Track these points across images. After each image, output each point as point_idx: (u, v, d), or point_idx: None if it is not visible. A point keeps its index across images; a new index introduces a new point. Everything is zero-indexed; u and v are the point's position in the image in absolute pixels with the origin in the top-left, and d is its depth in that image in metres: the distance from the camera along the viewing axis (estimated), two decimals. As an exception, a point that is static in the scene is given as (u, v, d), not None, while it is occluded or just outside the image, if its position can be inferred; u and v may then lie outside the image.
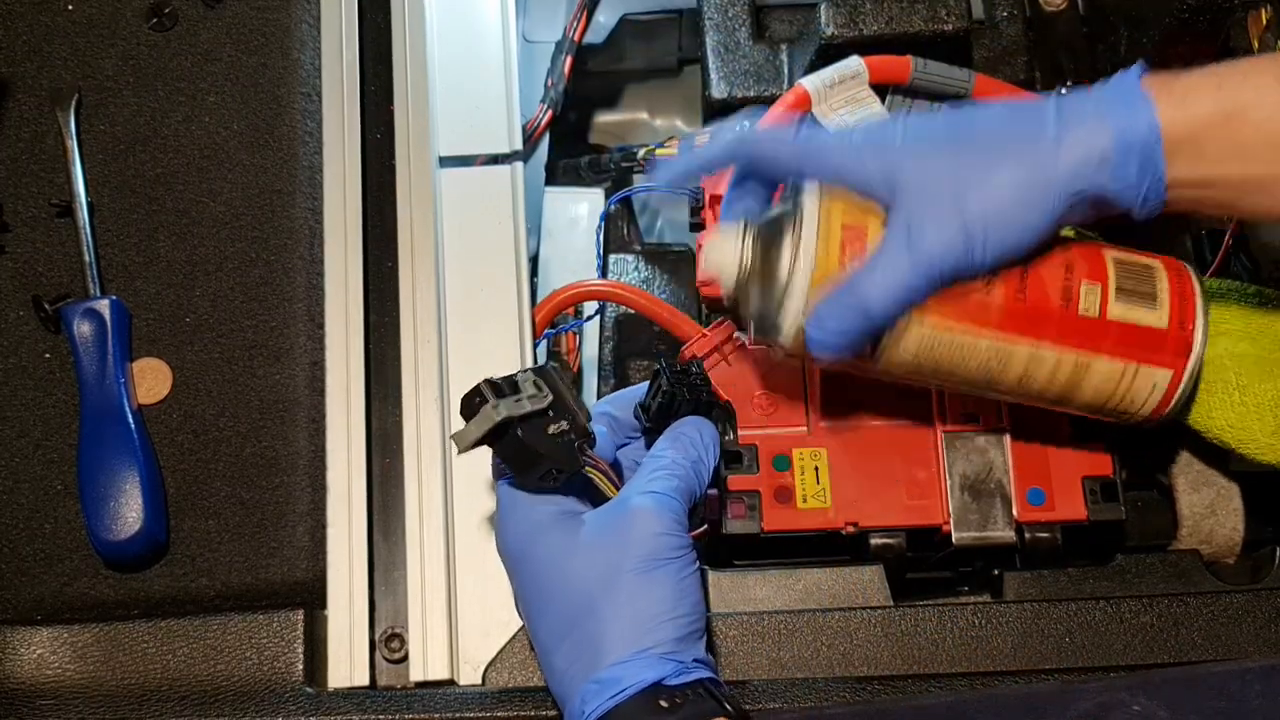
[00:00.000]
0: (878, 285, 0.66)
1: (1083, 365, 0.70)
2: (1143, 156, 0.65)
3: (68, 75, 0.89)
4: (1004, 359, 0.70)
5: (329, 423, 0.81)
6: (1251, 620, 0.75)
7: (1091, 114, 0.66)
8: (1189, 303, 0.72)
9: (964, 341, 0.70)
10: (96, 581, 0.78)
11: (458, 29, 0.93)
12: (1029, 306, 0.70)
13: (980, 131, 0.67)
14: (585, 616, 0.66)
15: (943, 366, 0.71)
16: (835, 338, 0.68)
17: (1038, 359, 0.70)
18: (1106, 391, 0.71)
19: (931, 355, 0.70)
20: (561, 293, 0.87)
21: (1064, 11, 0.96)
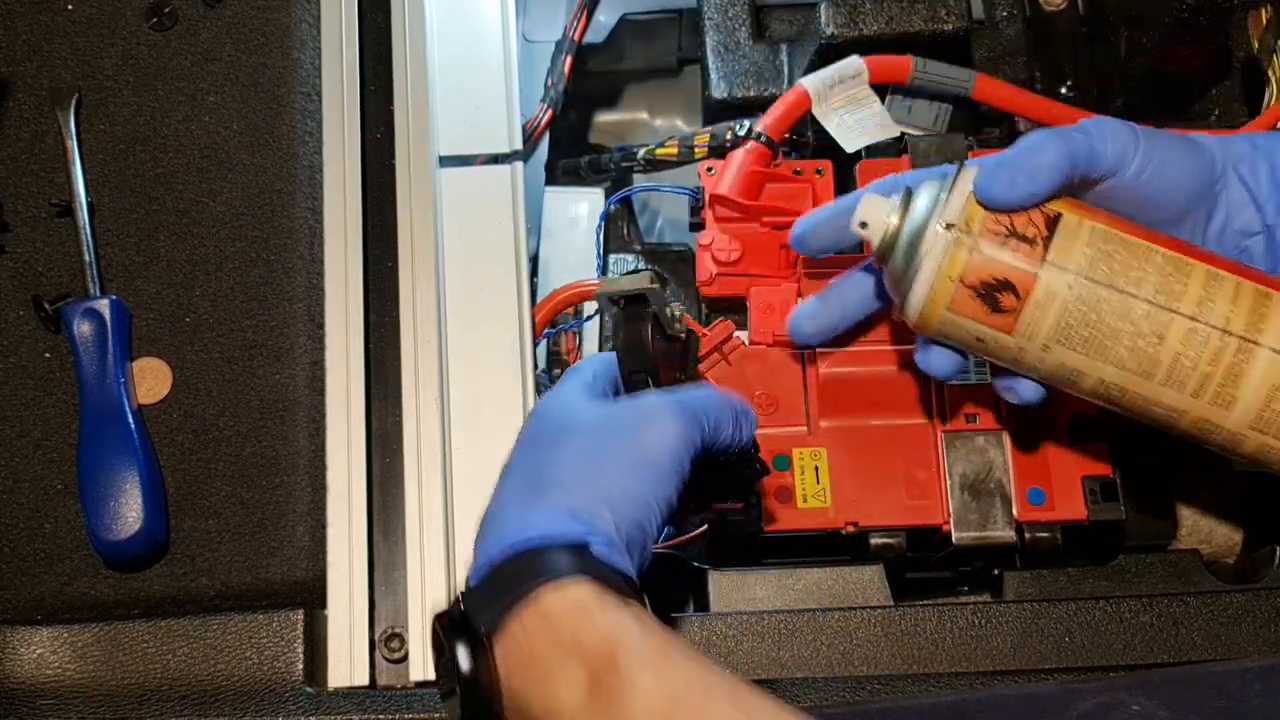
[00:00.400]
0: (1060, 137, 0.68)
1: (1264, 295, 0.66)
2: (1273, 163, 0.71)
3: (68, 75, 0.89)
4: (1181, 271, 0.66)
5: (329, 423, 0.81)
6: (1251, 620, 0.75)
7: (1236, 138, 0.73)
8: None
9: (1139, 245, 0.66)
10: (96, 581, 0.78)
11: (458, 29, 0.93)
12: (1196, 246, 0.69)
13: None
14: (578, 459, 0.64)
15: (1118, 272, 0.65)
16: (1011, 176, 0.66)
17: (1216, 277, 0.66)
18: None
19: (1107, 255, 0.66)
20: (561, 292, 0.87)
21: (1064, 11, 0.96)
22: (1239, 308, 0.65)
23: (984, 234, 0.67)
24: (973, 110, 0.91)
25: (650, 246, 1.02)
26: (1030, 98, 0.90)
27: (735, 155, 0.85)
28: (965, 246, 0.67)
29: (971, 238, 0.67)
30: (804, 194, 0.85)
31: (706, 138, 0.92)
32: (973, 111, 0.91)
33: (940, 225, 0.67)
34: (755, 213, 0.85)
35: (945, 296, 0.68)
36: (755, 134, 0.86)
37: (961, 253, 0.67)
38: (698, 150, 0.92)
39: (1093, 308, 0.66)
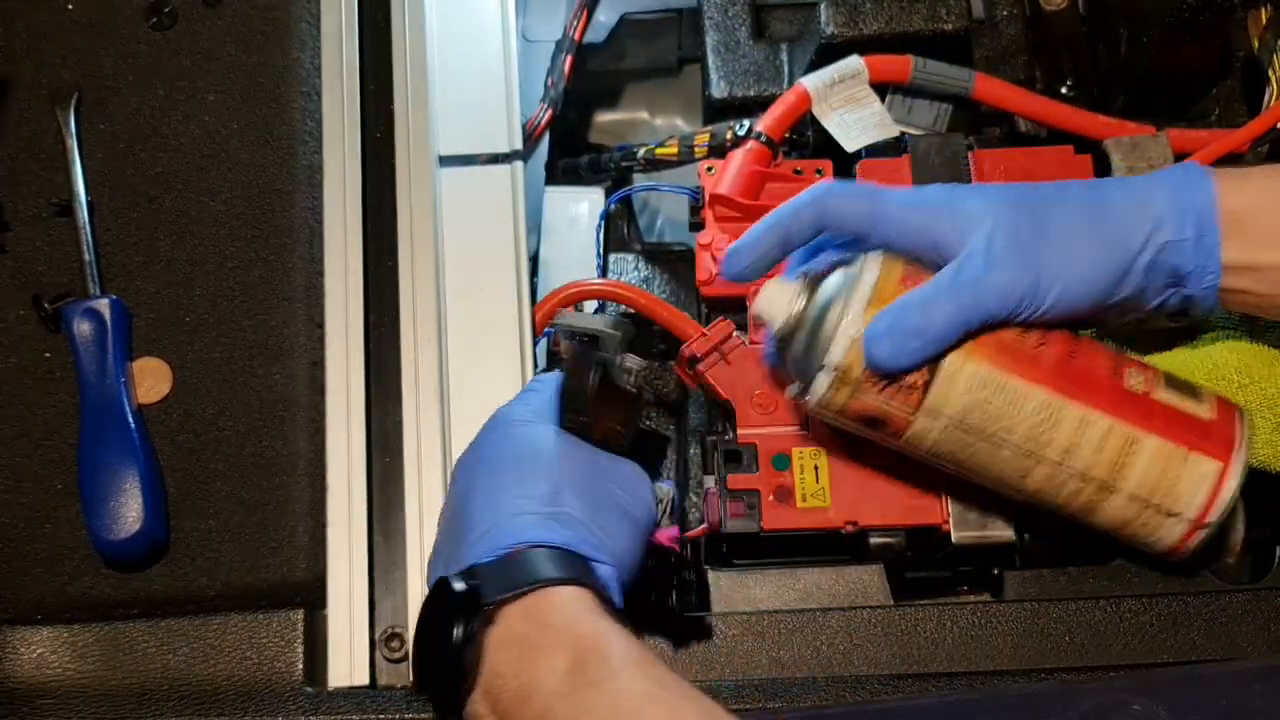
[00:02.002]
0: (941, 298, 0.67)
1: (1131, 439, 0.69)
2: (1198, 221, 0.68)
3: (68, 74, 0.89)
4: (1053, 418, 0.69)
5: (329, 422, 0.81)
6: (1251, 620, 0.75)
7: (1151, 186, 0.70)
8: (1231, 410, 0.71)
9: (1016, 389, 0.68)
10: (97, 581, 0.78)
11: (458, 29, 0.93)
12: (1080, 369, 0.69)
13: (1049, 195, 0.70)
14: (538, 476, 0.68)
15: (990, 419, 0.69)
16: (892, 346, 0.67)
17: (1087, 423, 0.69)
18: (1153, 476, 0.69)
19: (981, 401, 0.69)
20: (561, 292, 0.87)
21: (1064, 11, 0.96)
22: (1104, 456, 0.69)
23: (864, 381, 0.69)
24: (973, 110, 0.91)
25: (650, 246, 1.02)
26: (1030, 98, 0.90)
27: (735, 155, 0.85)
28: (846, 389, 0.70)
29: (853, 383, 0.69)
30: (804, 194, 0.85)
31: (706, 137, 0.92)
32: (973, 111, 0.91)
33: (824, 369, 0.70)
34: (755, 212, 0.84)
35: (829, 415, 0.72)
36: (755, 134, 0.86)
37: (843, 393, 0.70)
38: (698, 150, 0.92)
39: (963, 446, 0.70)
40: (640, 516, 0.70)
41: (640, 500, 0.71)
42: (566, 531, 0.66)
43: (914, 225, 0.69)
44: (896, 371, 0.68)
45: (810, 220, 0.71)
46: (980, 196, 0.70)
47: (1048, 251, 0.67)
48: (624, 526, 0.69)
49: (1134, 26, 0.89)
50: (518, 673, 0.61)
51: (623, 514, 0.69)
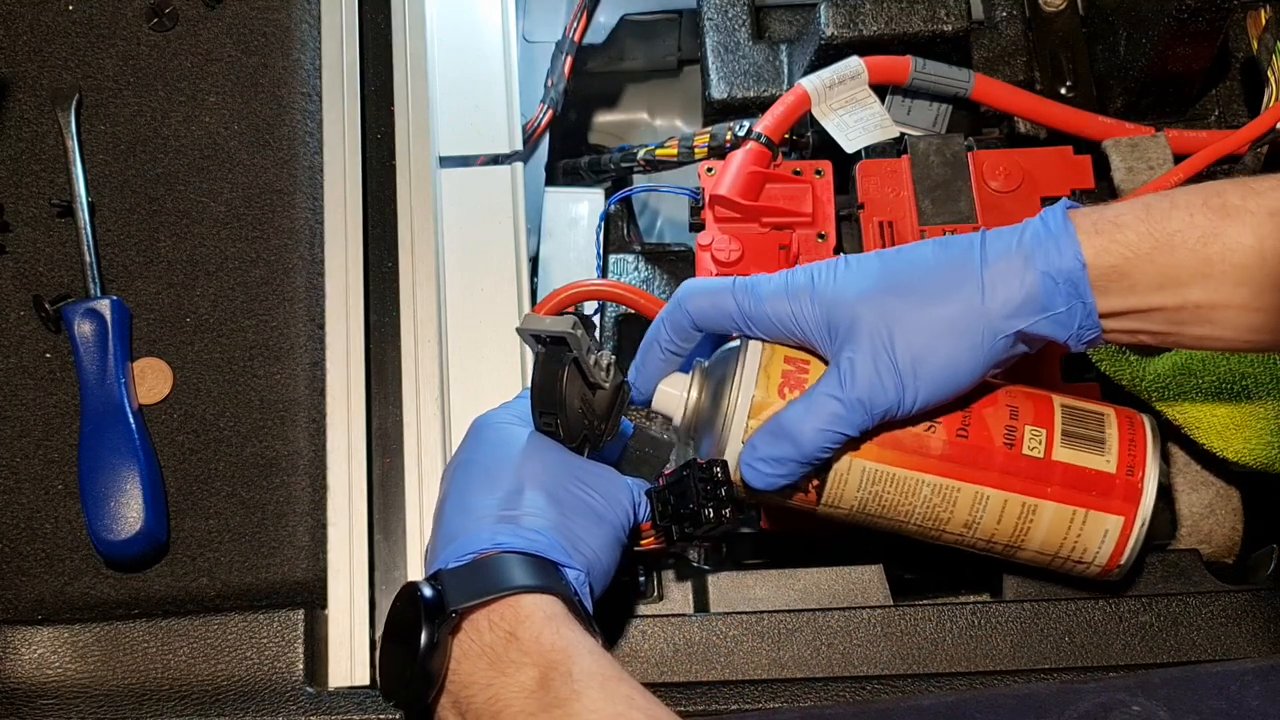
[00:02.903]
0: (810, 420, 0.67)
1: (1030, 508, 0.70)
2: (1069, 291, 0.65)
3: (68, 75, 0.89)
4: (949, 500, 0.70)
5: (329, 422, 0.81)
6: (1251, 620, 0.75)
7: (1015, 251, 0.66)
8: (1139, 450, 0.70)
9: (906, 480, 0.70)
10: (97, 581, 0.78)
11: (458, 29, 0.93)
12: (970, 447, 0.70)
13: (910, 274, 0.68)
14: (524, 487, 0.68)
15: (888, 507, 0.71)
16: (767, 468, 0.69)
17: (983, 500, 0.70)
18: (1057, 538, 0.70)
19: (876, 495, 0.70)
20: (561, 292, 0.87)
21: (1064, 11, 0.96)
22: (1003, 525, 0.71)
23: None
24: (973, 110, 0.91)
25: (650, 246, 1.02)
26: (1030, 98, 0.90)
27: (735, 156, 0.85)
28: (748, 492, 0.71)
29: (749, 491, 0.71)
30: (804, 194, 0.85)
31: (706, 138, 0.92)
32: (973, 111, 0.91)
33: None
34: (755, 213, 0.85)
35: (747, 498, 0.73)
36: (755, 134, 0.86)
37: (747, 493, 0.71)
38: (698, 150, 0.92)
39: (871, 523, 0.72)
40: (614, 520, 0.69)
41: (614, 503, 0.70)
42: (535, 536, 0.65)
43: (781, 324, 0.70)
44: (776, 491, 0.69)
45: (683, 325, 0.72)
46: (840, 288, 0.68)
47: (909, 355, 0.66)
48: (596, 530, 0.68)
49: (1133, 27, 0.89)
50: (487, 684, 0.61)
51: (595, 517, 0.69)
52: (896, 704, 0.71)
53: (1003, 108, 0.90)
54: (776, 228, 0.85)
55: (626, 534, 0.70)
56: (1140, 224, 0.65)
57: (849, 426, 0.67)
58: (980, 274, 0.66)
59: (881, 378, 0.66)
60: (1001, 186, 0.84)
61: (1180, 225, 0.64)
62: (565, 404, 0.69)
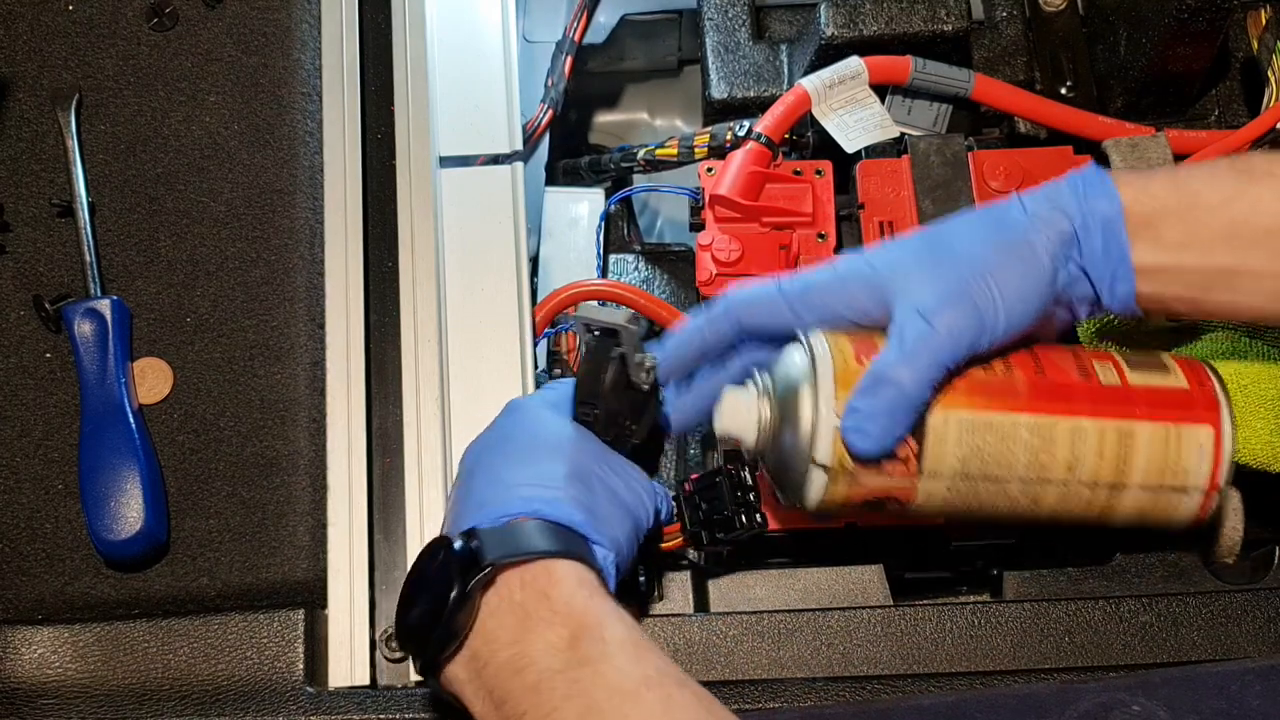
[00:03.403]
0: (905, 361, 0.66)
1: (1126, 433, 0.69)
2: (1106, 231, 0.67)
3: (68, 75, 0.89)
4: (1047, 438, 0.69)
5: (329, 422, 0.81)
6: (1251, 620, 0.75)
7: (1054, 200, 0.68)
8: (1198, 368, 0.71)
9: (1004, 426, 0.68)
10: (97, 581, 0.78)
11: (458, 29, 0.93)
12: (1051, 382, 0.69)
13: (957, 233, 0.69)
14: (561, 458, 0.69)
15: (990, 462, 0.69)
16: (876, 426, 0.66)
17: (1080, 432, 0.69)
18: (1158, 460, 0.69)
19: (976, 450, 0.68)
20: (561, 292, 0.87)
21: (1064, 11, 0.96)
22: (1106, 459, 0.69)
23: (858, 468, 0.68)
24: (973, 111, 0.91)
25: (650, 246, 1.02)
26: (1030, 98, 0.90)
27: (735, 156, 0.85)
28: (843, 481, 0.68)
29: (847, 474, 0.68)
30: (804, 194, 0.85)
31: (706, 138, 0.92)
32: (973, 112, 0.91)
33: (814, 464, 0.68)
34: (755, 213, 0.85)
35: (833, 508, 0.70)
36: (755, 134, 0.86)
37: (840, 486, 0.68)
38: (698, 150, 0.92)
39: (972, 497, 0.70)
40: (639, 514, 0.70)
41: (641, 502, 0.71)
42: (570, 510, 0.66)
43: (836, 307, 0.69)
44: (885, 454, 0.67)
45: (725, 329, 0.72)
46: (890, 256, 0.69)
47: (979, 285, 0.66)
48: (625, 522, 0.69)
49: (1133, 27, 0.89)
50: (513, 641, 0.61)
51: (625, 510, 0.69)
52: (896, 704, 0.71)
53: (1003, 108, 0.90)
54: (776, 228, 0.85)
55: (645, 533, 0.71)
56: (1168, 180, 0.67)
57: (940, 361, 0.66)
58: (1022, 218, 0.68)
59: (960, 308, 0.66)
60: (1002, 186, 0.84)
61: (1205, 185, 0.66)
62: (606, 397, 0.70)
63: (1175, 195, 0.66)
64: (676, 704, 0.58)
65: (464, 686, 0.63)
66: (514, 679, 0.60)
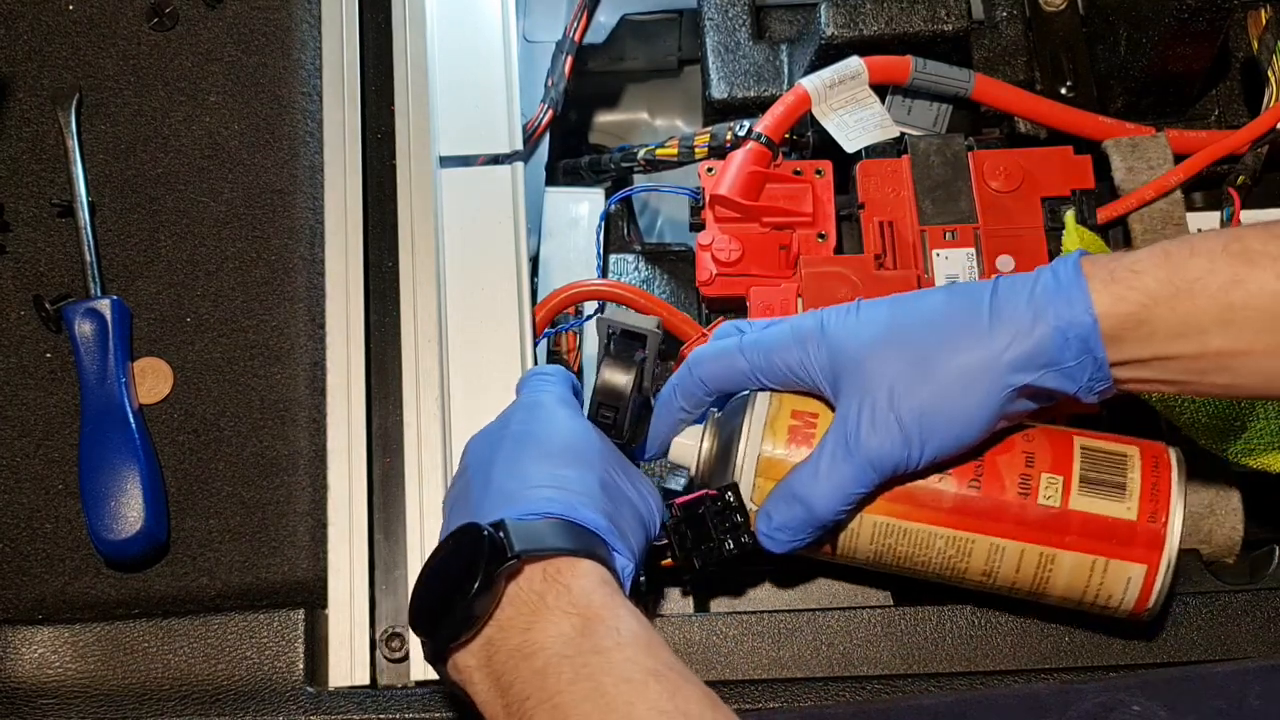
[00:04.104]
0: (820, 484, 0.68)
1: (1047, 558, 0.69)
2: (1079, 345, 0.64)
3: (68, 75, 0.89)
4: (963, 551, 0.70)
5: (329, 422, 0.81)
6: (1251, 620, 0.75)
7: (1025, 304, 0.66)
8: (1163, 494, 0.69)
9: (919, 533, 0.70)
10: (97, 581, 0.78)
11: (458, 29, 0.93)
12: (983, 499, 0.69)
13: (917, 325, 0.68)
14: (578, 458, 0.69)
15: (903, 559, 0.71)
16: (783, 534, 0.69)
17: (999, 550, 0.69)
18: (1079, 586, 0.69)
19: (890, 548, 0.70)
20: (561, 293, 0.87)
21: (1064, 11, 0.96)
22: (1022, 574, 0.70)
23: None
24: (973, 111, 0.91)
25: (650, 246, 1.02)
26: (1030, 98, 0.90)
27: (735, 156, 0.86)
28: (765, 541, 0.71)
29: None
30: (804, 194, 0.85)
31: (706, 138, 0.92)
32: (973, 112, 0.91)
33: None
34: (755, 213, 0.85)
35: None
36: (755, 134, 0.86)
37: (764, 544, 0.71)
38: (698, 150, 0.92)
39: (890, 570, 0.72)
40: (650, 525, 0.71)
41: (651, 510, 0.71)
42: (596, 516, 0.66)
43: (788, 374, 0.70)
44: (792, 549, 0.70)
45: (695, 390, 0.73)
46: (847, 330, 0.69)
47: (915, 409, 0.66)
48: (639, 531, 0.69)
49: (1133, 27, 0.89)
50: (525, 629, 0.61)
51: (640, 519, 0.70)
52: (896, 704, 0.71)
53: (1003, 108, 0.90)
54: (777, 228, 0.85)
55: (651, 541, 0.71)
56: (1159, 270, 0.64)
57: (859, 486, 0.68)
58: (988, 327, 0.66)
59: (888, 435, 0.66)
60: (1002, 186, 0.84)
61: (1201, 272, 0.63)
62: (628, 401, 0.71)
63: (1169, 286, 0.63)
64: (682, 697, 0.59)
65: (472, 673, 0.63)
66: (522, 664, 0.60)
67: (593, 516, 0.66)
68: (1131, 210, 0.85)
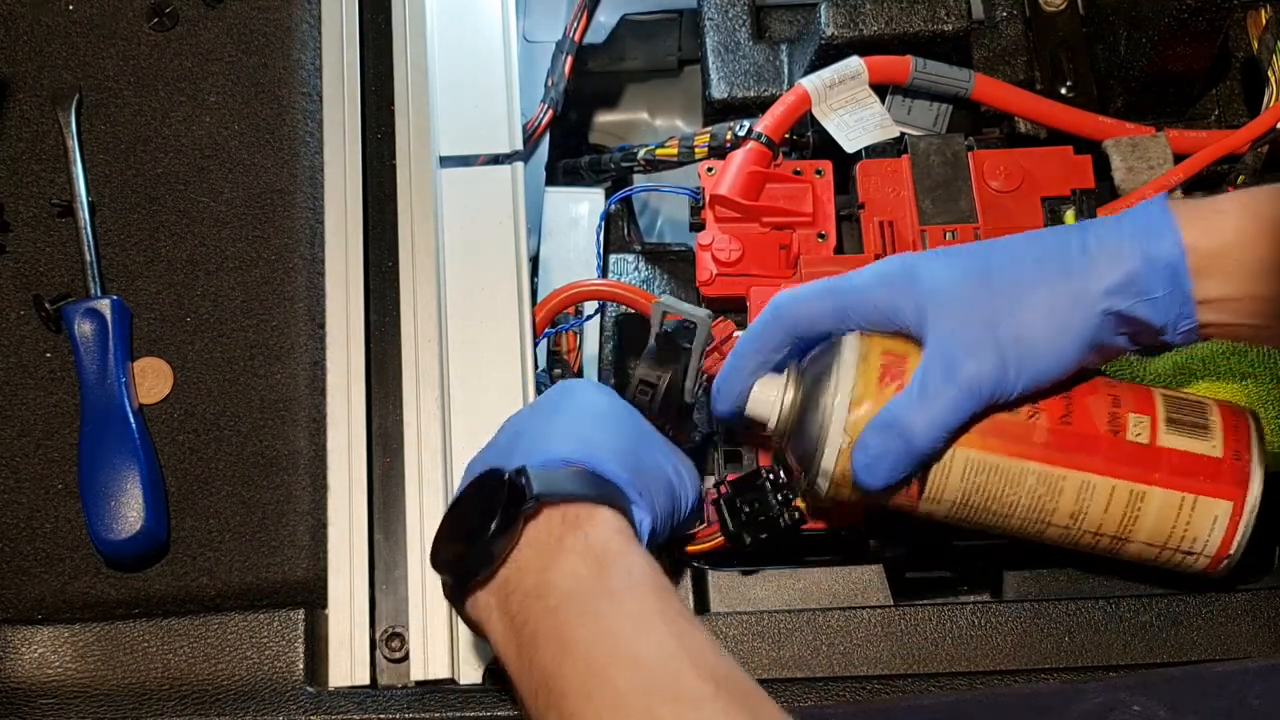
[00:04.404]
0: (918, 413, 0.67)
1: (1137, 495, 0.69)
2: (1169, 275, 0.65)
3: (68, 75, 0.89)
4: (1054, 489, 0.69)
5: (329, 422, 0.81)
6: (1251, 620, 0.75)
7: (1114, 237, 0.67)
8: (1243, 434, 0.70)
9: (1010, 469, 0.69)
10: (97, 581, 0.78)
11: (458, 29, 0.93)
12: (1075, 434, 0.69)
13: (1007, 260, 0.68)
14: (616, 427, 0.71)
15: (992, 500, 0.70)
16: (880, 464, 0.68)
17: (1089, 488, 0.69)
18: (1165, 526, 0.69)
19: (979, 485, 0.69)
20: (561, 293, 0.87)
21: (1064, 11, 0.96)
22: (1110, 515, 0.69)
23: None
24: (973, 111, 0.91)
25: (650, 246, 1.02)
26: (1030, 98, 0.90)
27: (735, 156, 0.86)
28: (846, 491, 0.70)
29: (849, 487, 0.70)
30: (804, 194, 0.85)
31: (706, 138, 0.92)
32: (973, 112, 0.91)
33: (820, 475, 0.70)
34: (755, 213, 0.85)
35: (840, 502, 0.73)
36: (755, 134, 0.86)
37: (845, 490, 0.71)
38: (698, 150, 0.92)
39: (973, 520, 0.71)
40: (680, 499, 0.71)
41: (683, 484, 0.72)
42: (616, 467, 0.67)
43: (878, 313, 0.70)
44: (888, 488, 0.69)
45: (778, 336, 0.73)
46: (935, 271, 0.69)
47: (1010, 334, 0.66)
48: (664, 497, 0.70)
49: (1133, 27, 0.89)
50: (541, 569, 0.62)
51: (667, 488, 0.70)
52: (896, 704, 0.71)
53: (1003, 108, 0.90)
54: (777, 228, 0.85)
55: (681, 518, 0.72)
56: (1243, 211, 0.65)
57: (957, 414, 0.67)
58: (1079, 257, 0.67)
59: (986, 360, 0.66)
60: (1002, 186, 0.84)
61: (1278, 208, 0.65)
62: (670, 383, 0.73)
63: (1251, 225, 0.65)
64: (689, 640, 0.59)
65: (489, 613, 0.64)
66: (536, 603, 0.62)
67: (614, 469, 0.67)
68: (1132, 210, 0.85)
